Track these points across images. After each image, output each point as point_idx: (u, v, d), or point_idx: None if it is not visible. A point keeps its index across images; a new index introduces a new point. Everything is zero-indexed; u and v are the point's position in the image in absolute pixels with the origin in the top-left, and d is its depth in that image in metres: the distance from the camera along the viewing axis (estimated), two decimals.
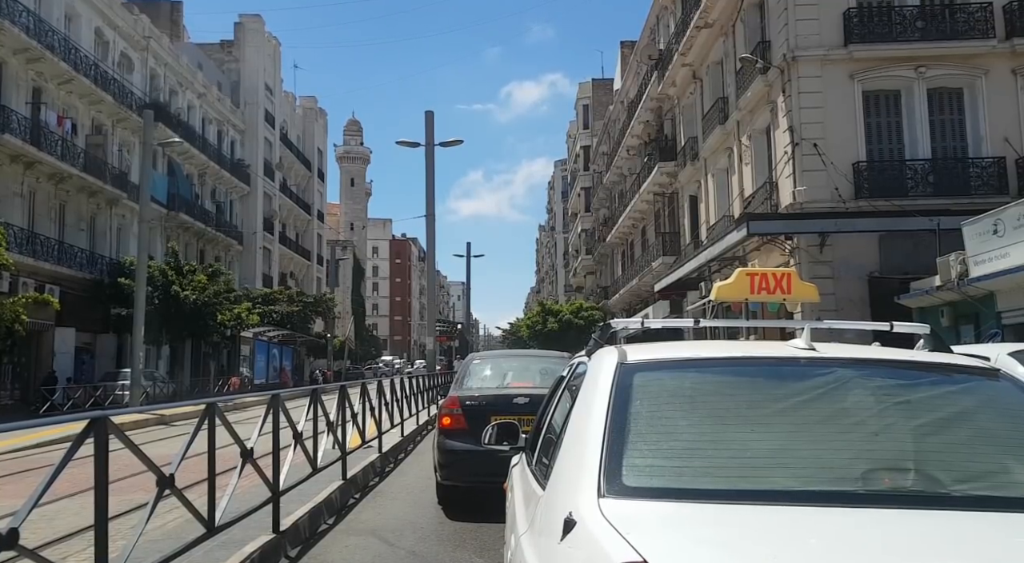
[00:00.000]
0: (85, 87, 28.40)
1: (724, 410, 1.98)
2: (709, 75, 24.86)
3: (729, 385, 2.07)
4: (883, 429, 1.86)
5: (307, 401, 6.29)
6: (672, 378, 2.10)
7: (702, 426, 1.93)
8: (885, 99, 18.21)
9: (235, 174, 43.58)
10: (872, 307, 17.23)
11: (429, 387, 18.66)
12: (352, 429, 7.82)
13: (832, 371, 2.05)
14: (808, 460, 1.78)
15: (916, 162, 17.62)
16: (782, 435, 1.87)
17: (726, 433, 1.88)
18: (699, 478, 1.72)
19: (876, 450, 1.79)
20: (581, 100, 59.55)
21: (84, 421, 2.89)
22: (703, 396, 2.04)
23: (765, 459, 1.78)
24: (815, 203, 17.21)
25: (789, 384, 2.03)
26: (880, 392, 1.98)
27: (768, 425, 1.90)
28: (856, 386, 1.99)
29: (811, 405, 1.93)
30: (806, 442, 1.84)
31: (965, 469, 1.74)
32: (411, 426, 12.95)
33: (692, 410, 2.00)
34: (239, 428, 4.57)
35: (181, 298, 27.12)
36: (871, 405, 1.93)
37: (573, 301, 52.23)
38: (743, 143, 21.48)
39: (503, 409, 6.45)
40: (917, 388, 2.01)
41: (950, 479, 1.69)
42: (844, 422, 1.88)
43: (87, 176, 28.18)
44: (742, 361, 2.24)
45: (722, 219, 23.16)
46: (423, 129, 28.06)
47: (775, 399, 1.98)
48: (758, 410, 1.95)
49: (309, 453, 5.93)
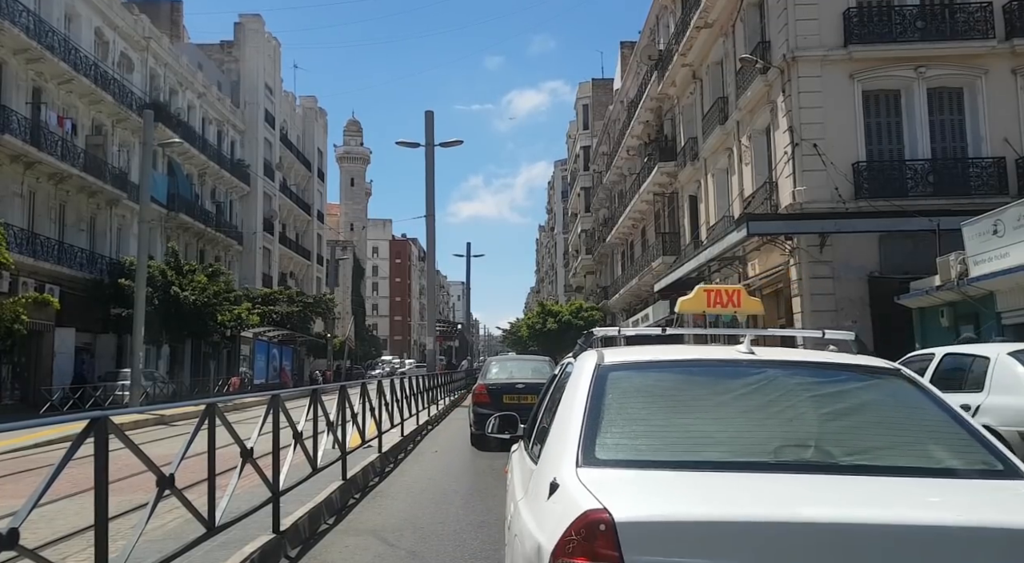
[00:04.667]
0: (85, 87, 28.41)
1: (676, 401, 2.51)
2: (709, 75, 24.86)
3: (682, 381, 2.59)
4: (796, 416, 2.37)
5: (307, 401, 6.28)
6: (638, 376, 2.62)
7: (658, 414, 2.45)
8: (885, 99, 18.21)
9: (235, 174, 43.58)
10: (872, 307, 17.24)
11: (429, 387, 18.60)
12: (352, 429, 7.82)
13: (763, 371, 2.55)
14: (736, 439, 2.28)
15: (916, 162, 17.63)
16: (718, 420, 2.37)
17: (676, 419, 2.42)
18: (652, 452, 2.22)
19: (788, 431, 2.31)
20: (581, 100, 59.55)
21: (84, 421, 2.89)
22: (661, 390, 2.56)
23: (703, 438, 2.31)
24: (815, 203, 17.22)
25: (728, 381, 2.52)
26: (798, 387, 2.48)
27: (709, 412, 2.41)
28: (780, 383, 2.49)
29: (743, 397, 2.43)
30: (736, 425, 2.34)
31: (853, 445, 2.24)
32: (411, 426, 12.96)
33: (651, 401, 2.52)
34: (239, 428, 4.58)
35: (181, 298, 27.12)
36: (789, 397, 2.43)
37: (573, 301, 52.25)
38: (743, 143, 21.48)
39: (509, 391, 11.52)
40: (828, 384, 2.53)
41: (840, 452, 2.19)
42: (767, 410, 2.39)
43: (87, 176, 28.18)
44: (694, 363, 2.76)
45: (722, 219, 23.16)
46: (423, 130, 28.21)
47: (716, 393, 2.48)
48: (703, 401, 2.47)
49: (309, 453, 5.93)
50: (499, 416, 3.63)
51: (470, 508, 6.57)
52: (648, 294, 34.32)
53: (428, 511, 6.50)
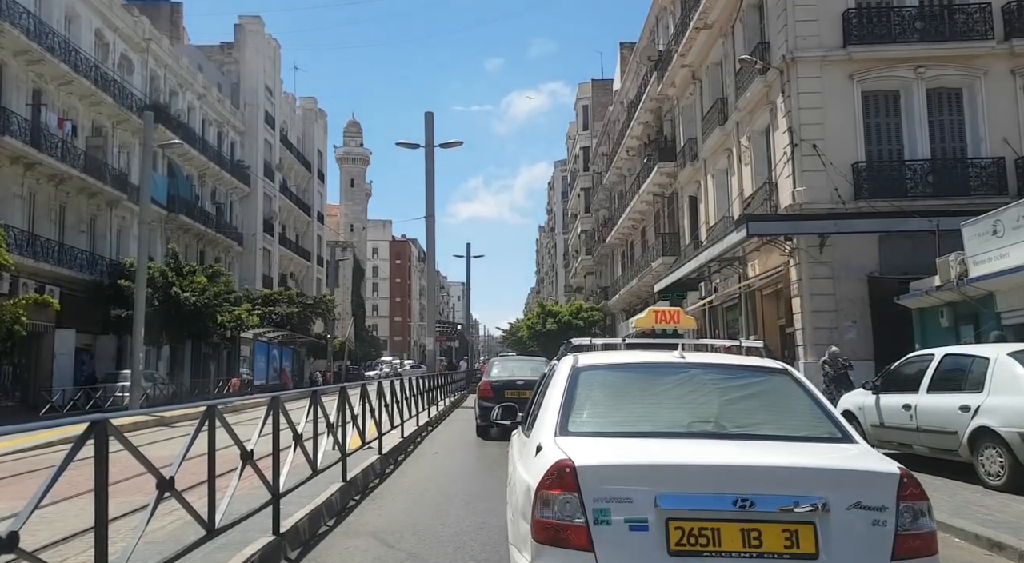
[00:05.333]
0: (85, 89, 28.41)
1: (625, 392, 3.53)
2: (708, 76, 24.87)
3: (630, 378, 3.63)
4: (705, 402, 3.39)
5: (307, 403, 6.28)
6: (600, 374, 3.62)
7: (612, 401, 3.47)
8: (884, 100, 18.23)
9: (235, 175, 43.59)
10: (872, 307, 17.25)
11: (429, 388, 18.55)
12: (352, 430, 7.83)
13: (688, 371, 3.57)
14: (663, 417, 3.29)
15: (915, 162, 17.64)
16: (652, 405, 3.40)
17: (624, 404, 3.44)
18: (605, 426, 3.24)
19: (697, 412, 3.33)
20: (581, 101, 59.55)
21: (84, 424, 2.90)
22: (615, 384, 3.58)
23: (640, 417, 3.31)
24: (815, 204, 17.23)
25: (662, 378, 3.54)
26: (710, 382, 3.50)
27: (646, 400, 3.44)
28: (698, 379, 3.51)
29: (671, 389, 3.45)
30: (663, 408, 3.37)
31: (740, 421, 3.25)
32: (411, 427, 12.96)
33: (608, 392, 3.52)
34: (239, 429, 4.58)
35: (181, 299, 27.11)
36: (703, 389, 3.44)
37: (573, 302, 52.24)
38: (742, 144, 21.49)
39: (510, 387, 13.16)
40: (732, 380, 3.55)
41: (731, 426, 3.21)
42: (686, 398, 3.40)
43: (87, 177, 28.18)
44: (640, 365, 3.78)
45: (722, 219, 23.17)
46: (423, 131, 28.26)
47: (653, 386, 3.50)
48: (643, 392, 3.50)
49: (309, 455, 5.93)
50: (502, 406, 5.18)
51: (470, 510, 6.58)
52: (648, 295, 34.32)
53: (428, 513, 6.51)
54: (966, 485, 7.27)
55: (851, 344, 17.19)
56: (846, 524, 2.69)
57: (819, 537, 2.67)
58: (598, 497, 2.72)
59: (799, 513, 2.67)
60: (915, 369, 8.52)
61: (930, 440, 7.90)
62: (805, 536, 2.67)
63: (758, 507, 2.67)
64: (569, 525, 2.72)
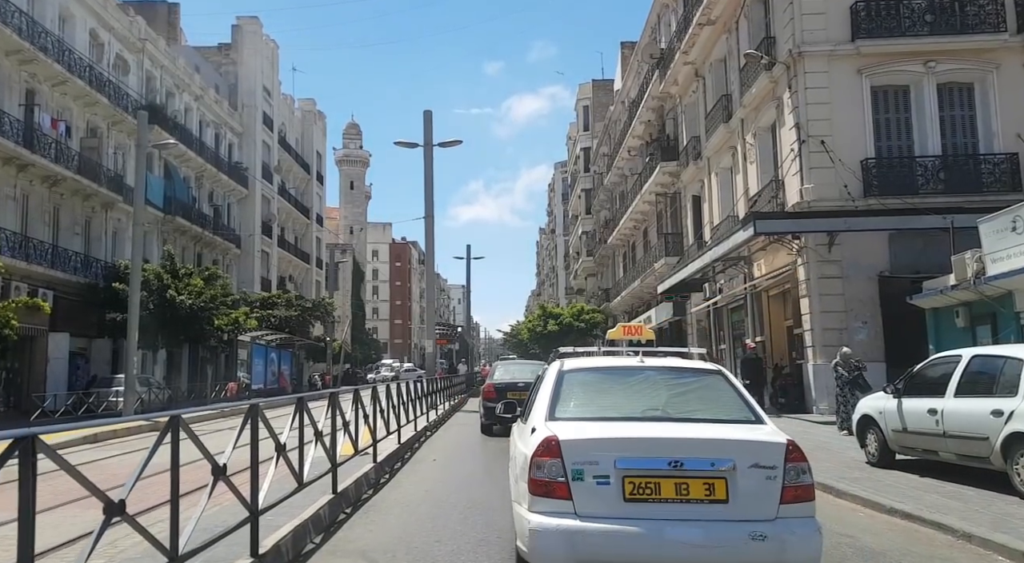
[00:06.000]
0: (79, 89, 28.02)
1: (598, 388, 4.66)
2: (712, 73, 24.44)
3: (602, 378, 4.81)
4: (656, 395, 4.52)
5: (294, 409, 5.83)
6: (580, 375, 4.77)
7: (588, 395, 4.56)
8: (894, 95, 17.79)
9: (233, 177, 43.18)
10: (882, 307, 16.80)
11: (429, 392, 18.07)
12: (344, 438, 7.37)
13: (645, 372, 4.75)
14: (624, 406, 4.40)
15: (926, 159, 17.19)
16: (618, 397, 4.52)
17: (596, 398, 4.54)
18: (582, 413, 4.32)
19: (650, 402, 4.45)
20: (581, 101, 59.13)
21: (7, 440, 2.45)
22: (591, 383, 4.72)
23: (608, 406, 4.41)
24: (823, 202, 16.78)
25: (626, 378, 4.71)
26: (661, 380, 4.67)
27: (613, 393, 4.56)
28: (652, 378, 4.69)
29: (632, 386, 4.61)
30: (625, 399, 4.48)
31: (681, 409, 4.36)
32: (408, 433, 12.51)
33: (585, 388, 4.62)
34: (218, 439, 4.14)
35: (177, 302, 26.65)
36: (655, 386, 4.61)
37: (574, 304, 51.76)
38: (747, 141, 21.06)
39: (512, 388, 13.90)
40: (677, 379, 4.73)
41: (674, 411, 4.32)
42: (642, 392, 4.55)
43: (81, 179, 27.77)
44: (610, 368, 5.00)
45: (726, 219, 22.72)
46: (422, 131, 27.86)
47: (618, 384, 4.66)
48: (611, 388, 4.64)
49: (294, 466, 5.48)
50: (504, 402, 8.02)
51: (469, 524, 6.13)
52: (650, 296, 33.87)
53: (424, 527, 6.06)
54: (1000, 496, 6.81)
55: (861, 345, 16.72)
56: (748, 479, 3.72)
57: (729, 488, 3.72)
58: (575, 461, 3.80)
59: (715, 471, 3.73)
60: (941, 371, 8.06)
61: (958, 446, 7.44)
62: (719, 487, 3.73)
63: (687, 466, 3.73)
64: (555, 482, 3.80)
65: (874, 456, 8.76)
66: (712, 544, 3.65)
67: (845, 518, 6.48)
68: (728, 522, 3.70)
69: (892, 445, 8.43)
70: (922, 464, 8.30)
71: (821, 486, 7.73)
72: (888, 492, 7.09)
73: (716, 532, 3.67)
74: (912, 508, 6.33)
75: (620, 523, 3.69)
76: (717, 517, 3.71)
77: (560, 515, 3.76)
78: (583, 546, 3.69)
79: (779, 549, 3.65)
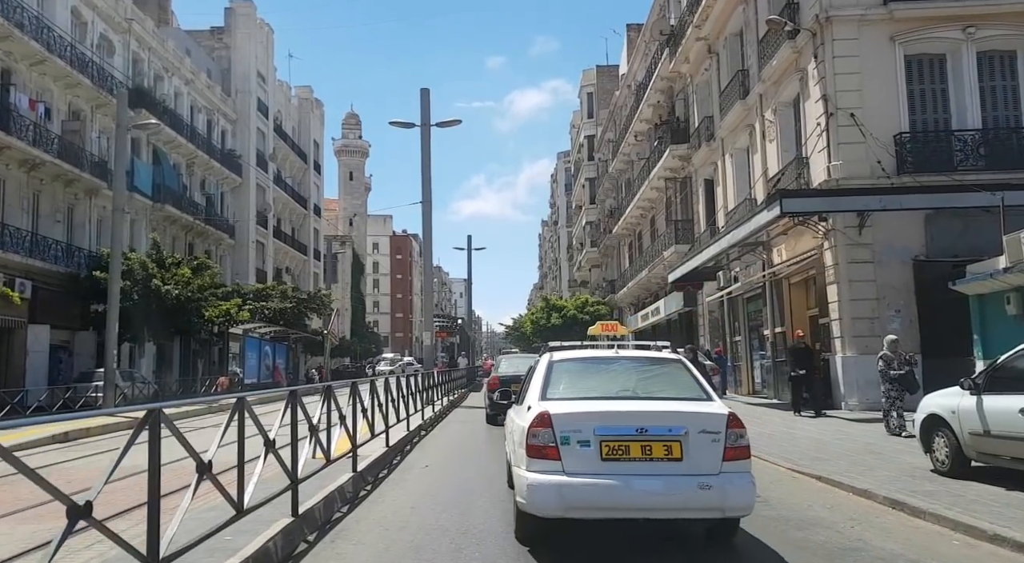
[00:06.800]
0: (60, 69, 26.66)
1: (582, 374, 5.76)
2: (727, 48, 23.01)
3: (585, 366, 5.93)
4: (628, 379, 5.69)
5: (231, 412, 4.48)
6: (567, 364, 5.84)
7: (573, 380, 5.62)
8: (929, 63, 16.38)
9: (226, 165, 41.81)
10: (917, 294, 15.46)
11: (425, 387, 16.79)
12: (310, 446, 6.06)
13: (620, 361, 6.02)
14: (602, 388, 5.50)
15: (965, 133, 15.79)
16: (597, 381, 5.64)
17: (580, 381, 5.61)
18: (569, 394, 5.38)
19: (623, 384, 5.60)
20: (585, 88, 57.54)
21: None
22: (575, 370, 5.79)
23: (590, 388, 5.50)
24: (852, 180, 15.41)
25: (605, 365, 5.93)
26: (633, 368, 5.89)
27: (594, 378, 5.70)
28: (626, 365, 5.93)
29: (610, 372, 5.81)
30: (603, 383, 5.60)
31: (647, 390, 5.50)
32: (401, 432, 11.22)
33: (571, 374, 5.68)
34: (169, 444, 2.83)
35: (162, 292, 25.33)
36: (628, 372, 5.81)
37: (578, 296, 50.38)
38: (767, 118, 19.65)
39: (515, 380, 12.77)
40: (644, 367, 5.93)
41: (642, 392, 5.49)
42: (617, 377, 5.72)
43: (62, 163, 26.46)
44: (591, 358, 6.18)
45: (742, 203, 21.34)
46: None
47: (599, 371, 5.84)
48: (592, 374, 5.80)
49: (229, 493, 4.14)
50: (500, 390, 14.65)
51: (463, 557, 4.83)
52: (659, 287, 32.51)
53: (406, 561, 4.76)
54: None
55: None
56: (698, 442, 4.75)
57: (683, 449, 4.74)
58: (562, 430, 4.80)
59: (672, 435, 4.76)
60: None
61: None
62: (675, 448, 4.74)
63: (650, 432, 4.76)
64: (547, 446, 4.80)
65: (943, 463, 7.42)
66: (669, 492, 4.61)
67: (936, 547, 5.15)
68: (682, 476, 4.65)
69: (968, 451, 7.09)
70: (998, 472, 6.98)
71: (889, 501, 6.40)
72: (980, 511, 5.76)
73: (672, 483, 4.63)
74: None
75: (599, 477, 4.63)
76: (673, 472, 4.66)
77: (551, 473, 4.70)
78: (570, 496, 4.62)
79: (721, 496, 4.62)
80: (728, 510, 4.71)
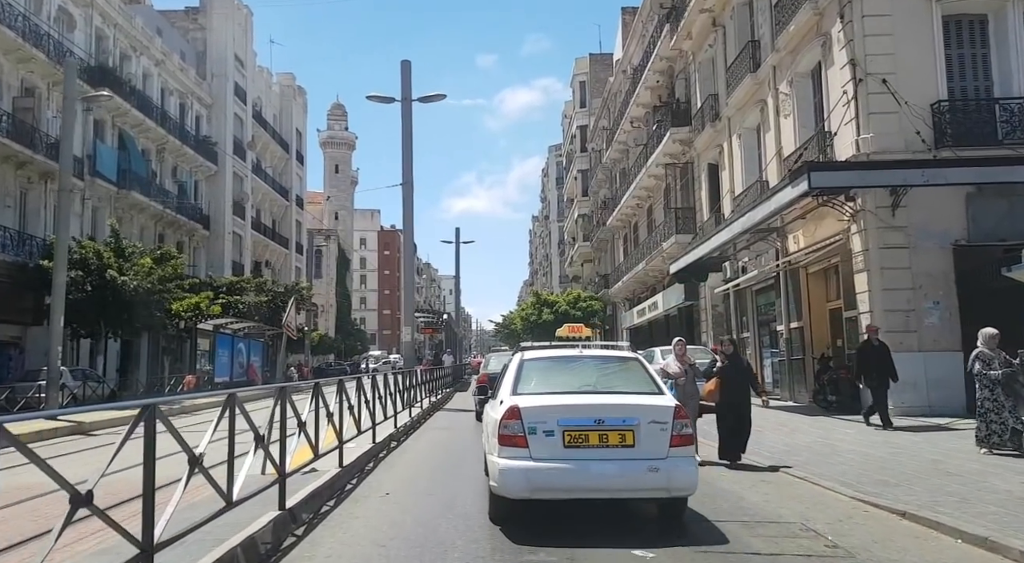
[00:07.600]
0: (9, 41, 24.54)
1: (549, 371, 6.57)
2: (734, 19, 21.18)
3: (552, 364, 6.80)
4: (589, 376, 6.51)
5: None
6: (536, 363, 6.71)
7: (541, 376, 6.44)
8: (969, 25, 14.63)
9: (200, 152, 39.66)
10: (959, 284, 13.69)
11: (403, 389, 14.93)
12: (251, 459, 4.15)
13: (583, 359, 6.88)
14: (566, 383, 6.32)
15: (1011, 101, 14.03)
16: (562, 377, 6.46)
17: (547, 378, 6.40)
18: (537, 389, 6.17)
19: (585, 380, 6.40)
20: (578, 77, 55.65)
21: None
22: (544, 368, 6.63)
23: (556, 384, 6.27)
24: (885, 153, 13.61)
25: (570, 363, 6.81)
26: (594, 366, 6.74)
27: (560, 375, 6.52)
28: (589, 363, 6.78)
29: (574, 369, 6.65)
30: (568, 379, 6.41)
31: (607, 385, 6.32)
32: (365, 444, 9.28)
33: (540, 372, 6.52)
34: None
35: (119, 284, 23.24)
36: (590, 369, 6.64)
37: (569, 291, 48.53)
38: (782, 92, 17.83)
39: None
40: (605, 364, 6.80)
41: (601, 387, 6.29)
42: (580, 374, 6.54)
43: (13, 144, 24.38)
44: (557, 357, 7.05)
45: (752, 186, 19.53)
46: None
47: (565, 368, 6.69)
48: (558, 371, 6.62)
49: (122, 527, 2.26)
50: (479, 386, 16.69)
51: None
52: (656, 280, 30.70)
53: None
54: None
55: (932, 330, 13.64)
56: (648, 430, 5.47)
57: (635, 437, 5.45)
58: (530, 421, 5.48)
59: (626, 425, 5.46)
60: None
61: None
62: (628, 437, 5.45)
63: (607, 423, 5.46)
64: (516, 436, 5.47)
65: None
66: (622, 475, 5.42)
67: None
68: (634, 460, 5.44)
69: None
70: None
71: None
72: None
73: (625, 467, 5.43)
74: None
75: (561, 462, 5.41)
76: (627, 457, 5.45)
77: (520, 458, 5.45)
78: (536, 479, 5.38)
79: (667, 477, 5.42)
80: (673, 490, 5.52)
